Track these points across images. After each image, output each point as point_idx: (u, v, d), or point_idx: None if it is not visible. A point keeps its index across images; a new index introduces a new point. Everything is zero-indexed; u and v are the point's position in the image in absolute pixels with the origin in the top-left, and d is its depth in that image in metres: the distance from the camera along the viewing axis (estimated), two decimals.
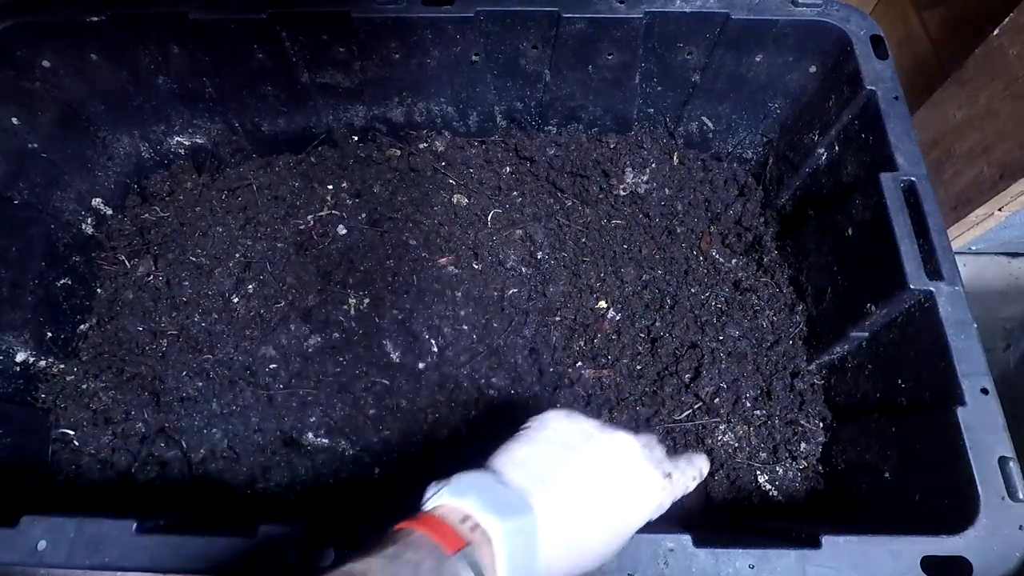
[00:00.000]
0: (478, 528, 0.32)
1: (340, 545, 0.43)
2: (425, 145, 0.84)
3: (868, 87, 0.63)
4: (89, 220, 0.78)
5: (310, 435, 0.66)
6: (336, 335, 0.73)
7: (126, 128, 0.80)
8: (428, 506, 0.34)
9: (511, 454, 0.38)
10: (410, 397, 0.69)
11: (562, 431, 0.39)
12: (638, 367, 0.71)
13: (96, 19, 0.67)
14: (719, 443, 0.65)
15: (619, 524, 0.37)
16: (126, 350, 0.72)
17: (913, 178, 0.58)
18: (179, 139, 0.83)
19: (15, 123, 0.69)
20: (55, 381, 0.70)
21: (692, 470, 0.44)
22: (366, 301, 0.75)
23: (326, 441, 0.66)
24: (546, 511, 0.35)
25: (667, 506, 0.41)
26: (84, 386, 0.70)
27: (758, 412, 0.66)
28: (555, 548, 0.34)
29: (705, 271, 0.77)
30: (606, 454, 0.38)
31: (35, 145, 0.71)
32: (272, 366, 0.71)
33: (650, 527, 0.40)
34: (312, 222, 0.80)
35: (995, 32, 0.75)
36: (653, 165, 0.80)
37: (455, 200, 0.82)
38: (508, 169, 0.83)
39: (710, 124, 0.82)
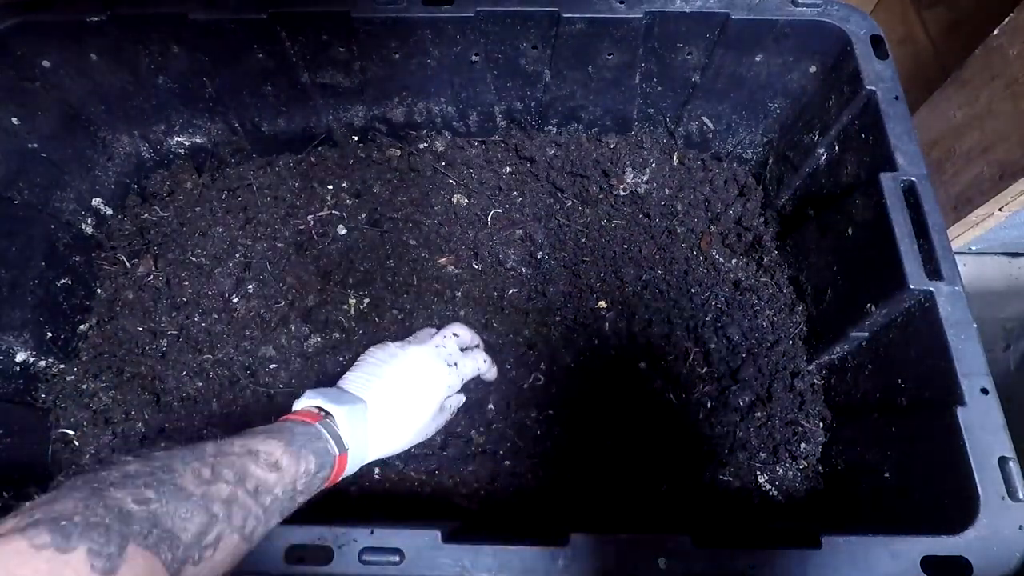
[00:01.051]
0: (328, 415, 0.50)
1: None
2: (425, 145, 0.84)
3: (868, 87, 0.63)
4: (89, 220, 0.78)
5: None
6: (336, 335, 0.73)
7: (126, 128, 0.80)
8: (294, 408, 0.51)
9: (346, 375, 0.57)
10: None
11: (376, 354, 0.58)
12: None
13: (96, 19, 0.67)
14: (719, 443, 0.65)
15: (421, 404, 0.57)
16: (126, 350, 0.72)
17: (913, 178, 0.58)
18: (179, 139, 0.83)
19: (15, 123, 0.69)
20: (55, 381, 0.70)
21: (473, 362, 0.63)
22: (366, 301, 0.75)
23: None
24: (371, 402, 0.53)
25: (457, 386, 0.61)
26: (84, 386, 0.70)
27: (758, 412, 0.66)
28: (380, 425, 0.53)
29: (705, 271, 0.77)
30: (405, 360, 0.57)
31: (35, 145, 0.71)
32: (272, 366, 0.71)
33: (650, 527, 0.40)
34: (312, 222, 0.80)
35: (995, 32, 0.75)
36: (653, 165, 0.80)
37: (455, 200, 0.82)
38: (508, 169, 0.83)
39: (710, 124, 0.82)
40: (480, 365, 0.64)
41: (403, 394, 0.56)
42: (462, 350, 0.63)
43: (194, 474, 0.37)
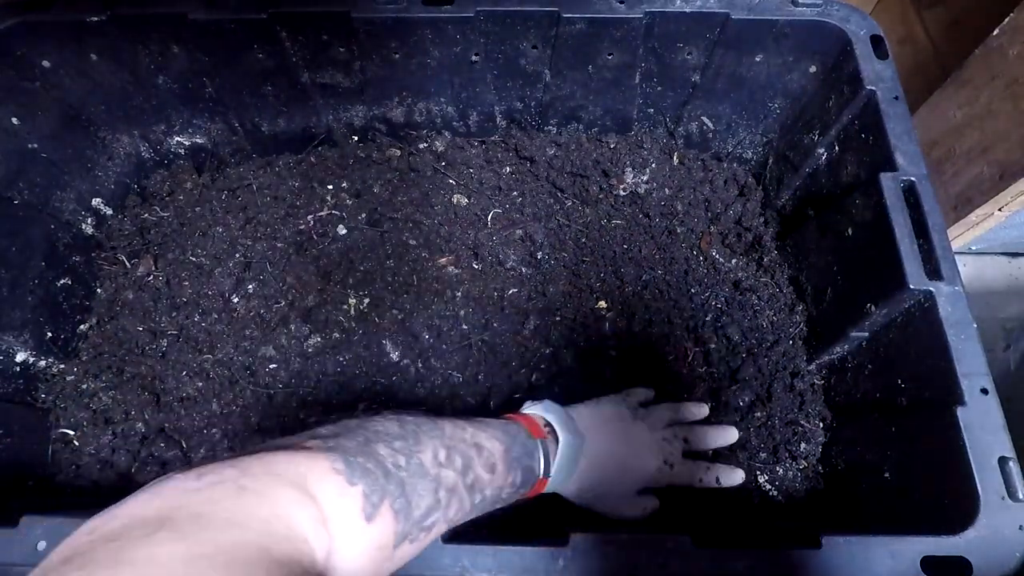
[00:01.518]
0: (552, 431, 0.50)
1: None
2: (425, 145, 0.84)
3: (868, 87, 0.63)
4: (89, 220, 0.78)
5: None
6: (336, 335, 0.73)
7: (126, 128, 0.80)
8: (524, 411, 0.51)
9: (579, 407, 0.56)
10: (410, 397, 0.69)
11: (611, 406, 0.58)
12: None
13: (96, 19, 0.67)
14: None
15: (625, 473, 0.55)
16: (126, 350, 0.72)
17: (913, 178, 0.58)
18: (179, 139, 0.83)
19: (15, 123, 0.69)
20: (55, 381, 0.70)
21: (690, 473, 0.59)
22: (366, 301, 0.75)
23: None
24: (588, 443, 0.52)
25: (663, 483, 0.57)
26: (84, 386, 0.70)
27: (758, 412, 0.66)
28: (586, 467, 0.52)
29: (705, 271, 0.77)
30: (632, 429, 0.57)
31: (35, 145, 0.71)
32: (272, 366, 0.71)
33: (650, 527, 0.40)
34: (312, 222, 0.80)
35: (995, 32, 0.75)
36: (653, 165, 0.80)
37: (455, 200, 0.82)
38: (508, 169, 0.83)
39: (710, 124, 0.82)
40: (702, 476, 0.59)
41: (616, 456, 0.54)
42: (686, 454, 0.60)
43: (434, 453, 0.37)
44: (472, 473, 0.39)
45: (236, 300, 0.75)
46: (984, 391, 0.48)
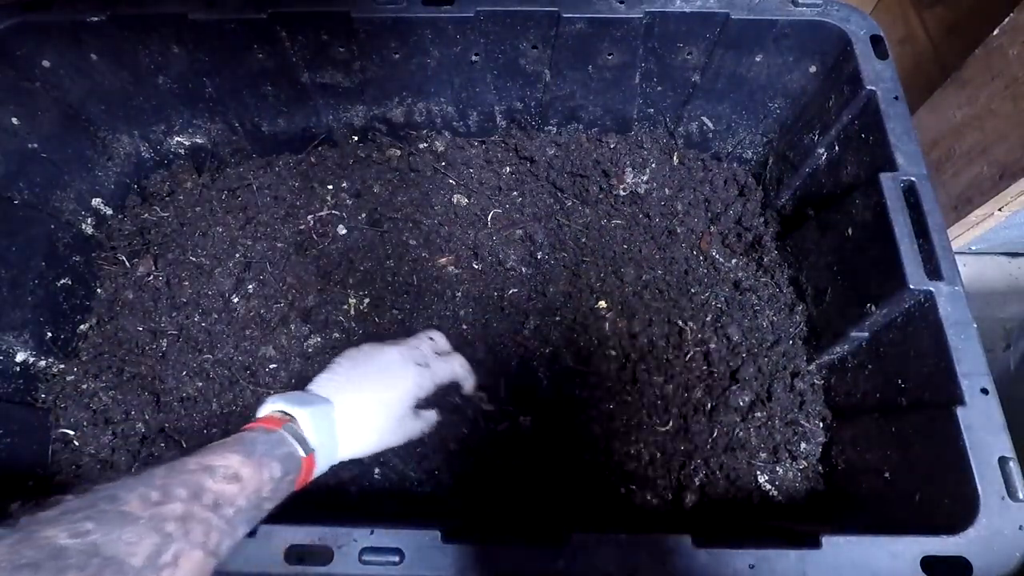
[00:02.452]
0: (293, 418, 0.49)
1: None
2: (425, 145, 0.84)
3: (868, 87, 0.63)
4: (89, 220, 0.78)
5: None
6: (336, 335, 0.73)
7: (126, 128, 0.80)
8: (257, 414, 0.50)
9: (316, 377, 0.55)
10: None
11: (347, 355, 0.57)
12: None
13: (96, 19, 0.67)
14: (719, 443, 0.65)
15: (388, 402, 0.55)
16: (126, 350, 0.72)
17: (913, 178, 0.58)
18: (179, 139, 0.83)
19: (15, 123, 0.69)
20: (55, 381, 0.70)
21: (448, 366, 0.62)
22: (366, 301, 0.75)
23: None
24: (339, 403, 0.53)
25: (429, 388, 0.59)
26: (84, 386, 0.70)
27: (758, 412, 0.66)
28: (347, 424, 0.52)
29: (705, 271, 0.77)
30: (374, 359, 0.57)
31: (35, 145, 0.71)
32: (272, 366, 0.71)
33: (649, 527, 0.40)
34: (312, 222, 0.80)
35: (995, 32, 0.75)
36: (653, 165, 0.80)
37: (455, 200, 0.82)
38: (508, 169, 0.83)
39: (710, 124, 0.82)
40: (456, 370, 0.63)
41: (370, 392, 0.55)
42: (439, 355, 0.62)
43: (141, 498, 0.36)
44: (210, 493, 0.39)
45: (236, 300, 0.75)
46: (984, 391, 0.48)
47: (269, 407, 0.50)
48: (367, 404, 0.54)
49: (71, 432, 0.67)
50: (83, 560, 0.31)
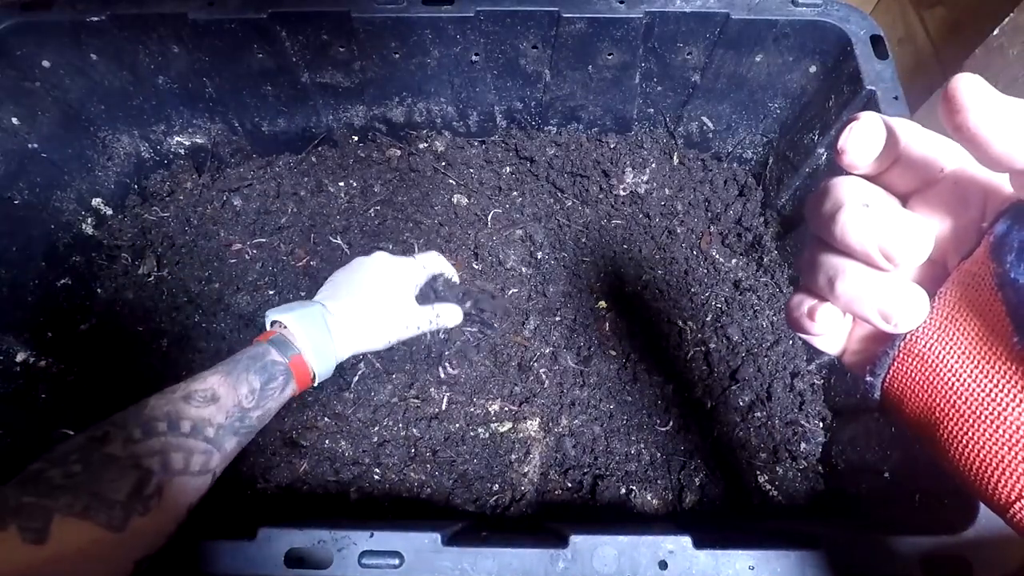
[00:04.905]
0: (283, 326, 0.53)
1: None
2: (425, 145, 0.84)
3: (868, 87, 0.63)
4: (89, 220, 0.78)
5: (310, 435, 0.66)
6: None
7: (126, 128, 0.80)
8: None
9: (325, 283, 0.60)
10: None
11: (342, 268, 0.61)
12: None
13: (96, 19, 0.67)
14: (719, 443, 0.65)
15: (385, 290, 0.59)
16: (126, 350, 0.72)
17: None
18: (179, 139, 0.83)
19: (15, 123, 0.69)
20: (55, 381, 0.70)
21: (431, 253, 0.67)
22: None
23: (327, 442, 0.66)
24: (335, 304, 0.56)
25: (420, 274, 0.64)
26: (84, 386, 0.69)
27: (758, 412, 0.66)
28: (344, 319, 0.56)
29: (705, 271, 0.77)
30: (367, 262, 0.61)
31: (35, 145, 0.71)
32: None
33: (649, 527, 0.40)
34: None
35: (995, 32, 0.75)
36: (653, 165, 0.80)
37: (455, 200, 0.82)
38: (508, 169, 0.83)
39: (710, 124, 0.82)
40: (448, 269, 0.67)
41: (363, 288, 0.59)
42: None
43: (124, 439, 0.41)
44: (187, 421, 0.43)
45: (236, 300, 0.75)
46: None
47: (267, 321, 0.54)
48: (363, 299, 0.58)
49: (71, 432, 0.67)
50: (70, 499, 0.37)
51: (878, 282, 0.23)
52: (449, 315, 0.65)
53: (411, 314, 0.61)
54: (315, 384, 0.55)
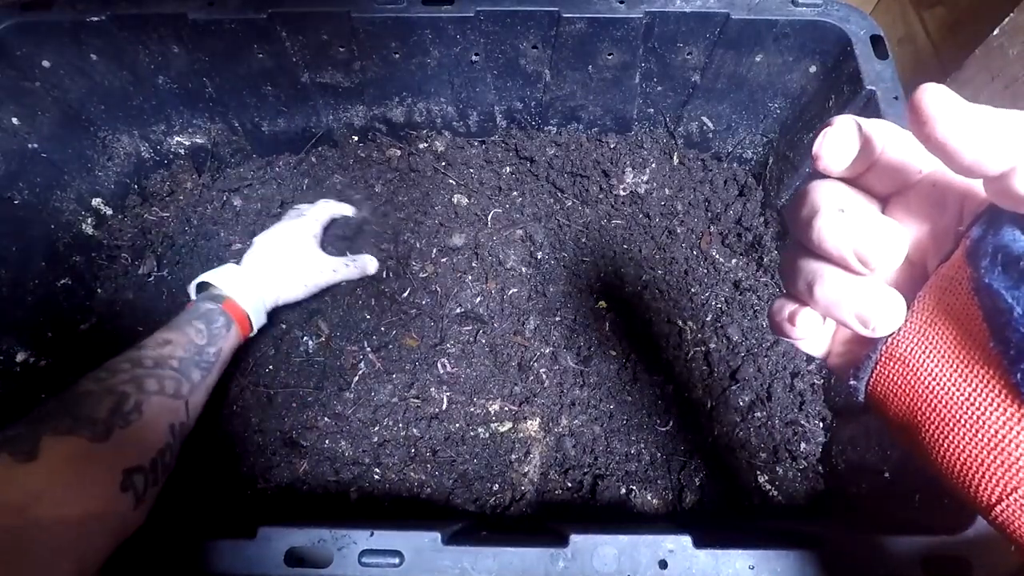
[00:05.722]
0: (207, 287, 0.62)
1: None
2: (425, 145, 0.84)
3: (868, 87, 0.63)
4: (89, 220, 0.78)
5: (310, 435, 0.66)
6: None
7: (126, 128, 0.80)
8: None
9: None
10: None
11: (280, 224, 0.70)
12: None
13: (96, 19, 0.67)
14: (719, 443, 0.65)
15: (291, 247, 0.68)
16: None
17: None
18: (179, 139, 0.83)
19: (15, 123, 0.69)
20: (55, 381, 0.70)
21: (323, 203, 0.75)
22: None
23: (327, 442, 0.66)
24: (251, 263, 0.65)
25: (316, 222, 0.72)
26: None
27: (758, 412, 0.66)
28: (265, 275, 0.64)
29: (705, 271, 0.77)
30: (271, 228, 0.70)
31: (35, 145, 0.71)
32: (271, 366, 0.71)
33: (649, 527, 0.40)
34: None
35: (995, 32, 0.75)
36: (653, 165, 0.80)
37: (455, 200, 0.82)
38: (508, 169, 0.83)
39: (710, 124, 0.82)
40: (341, 209, 0.76)
41: (265, 245, 0.67)
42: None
43: (93, 379, 0.47)
44: (149, 359, 0.50)
45: None
46: None
47: (192, 289, 0.63)
48: (265, 253, 0.66)
49: None
50: (56, 422, 0.42)
51: (855, 287, 0.23)
52: (365, 263, 0.73)
53: (317, 262, 0.69)
54: (254, 330, 0.62)
